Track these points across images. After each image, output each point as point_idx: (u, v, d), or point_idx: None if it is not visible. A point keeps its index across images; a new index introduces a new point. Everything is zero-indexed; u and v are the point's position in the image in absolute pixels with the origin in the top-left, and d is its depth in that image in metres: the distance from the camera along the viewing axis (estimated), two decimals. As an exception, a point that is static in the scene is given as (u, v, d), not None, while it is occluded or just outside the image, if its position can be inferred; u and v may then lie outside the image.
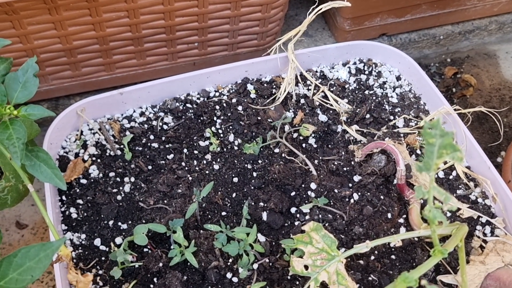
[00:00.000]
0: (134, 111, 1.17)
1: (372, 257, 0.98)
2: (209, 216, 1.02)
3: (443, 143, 0.68)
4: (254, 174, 1.09)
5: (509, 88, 1.70)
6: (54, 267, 0.88)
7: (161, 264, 0.93)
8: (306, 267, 0.90)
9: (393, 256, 0.99)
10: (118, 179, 1.07)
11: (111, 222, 1.01)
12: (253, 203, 1.03)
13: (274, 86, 1.24)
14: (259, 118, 1.17)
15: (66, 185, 1.04)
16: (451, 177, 1.10)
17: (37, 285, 1.21)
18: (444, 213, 1.04)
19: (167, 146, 1.12)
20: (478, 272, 0.95)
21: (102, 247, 0.98)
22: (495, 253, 0.97)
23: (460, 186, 1.09)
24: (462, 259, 0.88)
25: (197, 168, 1.09)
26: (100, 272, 0.95)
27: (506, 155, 1.41)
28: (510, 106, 1.64)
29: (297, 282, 0.95)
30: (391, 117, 1.19)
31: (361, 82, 1.26)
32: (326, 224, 1.01)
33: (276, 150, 1.12)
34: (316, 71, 1.28)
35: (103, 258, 0.97)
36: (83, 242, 0.98)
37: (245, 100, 1.20)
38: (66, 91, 1.39)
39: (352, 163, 1.11)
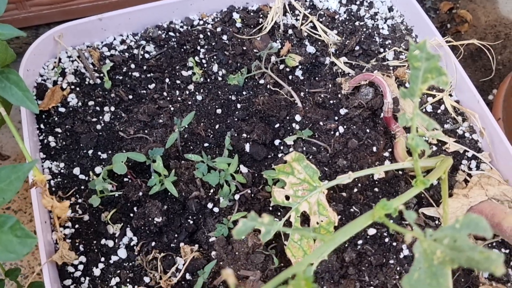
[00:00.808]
0: (115, 39, 1.13)
1: (355, 190, 0.97)
2: (191, 147, 1.00)
3: (429, 67, 0.65)
4: (238, 105, 1.06)
5: (505, 24, 1.65)
6: (31, 192, 0.86)
7: (141, 193, 0.92)
8: (287, 197, 0.89)
9: (376, 189, 0.98)
10: (97, 108, 1.04)
11: (90, 151, 0.99)
12: (236, 135, 1.01)
13: (261, 16, 1.19)
14: (244, 48, 1.13)
15: (44, 113, 1.01)
16: (439, 111, 1.08)
17: (20, 215, 1.21)
18: (429, 145, 1.03)
19: (148, 75, 1.08)
20: (461, 205, 0.94)
21: (82, 176, 0.96)
22: (479, 186, 0.97)
23: (448, 121, 1.07)
24: (444, 191, 0.87)
25: (179, 99, 1.06)
26: (80, 200, 0.94)
27: (497, 93, 1.39)
28: (504, 43, 1.60)
29: (279, 213, 0.94)
30: (381, 50, 1.16)
31: (352, 13, 1.21)
32: (310, 157, 0.99)
33: (261, 81, 1.09)
34: (306, 0, 1.22)
35: (82, 187, 0.95)
36: (62, 170, 0.97)
37: (231, 29, 1.15)
38: (46, 18, 1.33)
39: (339, 95, 1.08)
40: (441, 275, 0.56)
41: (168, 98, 1.05)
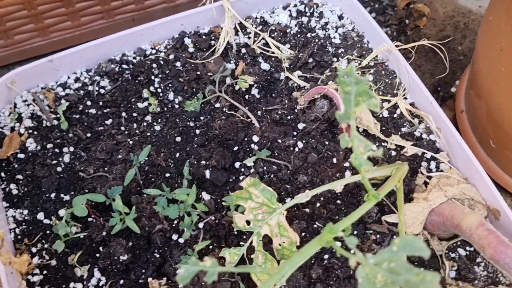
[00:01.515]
0: (69, 78, 1.13)
1: (318, 204, 0.98)
2: (153, 179, 1.01)
3: (359, 91, 0.66)
4: (197, 131, 1.07)
5: (463, 14, 1.66)
6: (-7, 246, 0.87)
7: (104, 233, 0.93)
8: (248, 222, 0.90)
9: (338, 201, 0.99)
10: (56, 150, 1.04)
11: (53, 195, 0.99)
12: (195, 162, 1.02)
13: (213, 38, 1.19)
14: (198, 73, 1.14)
15: (4, 161, 1.02)
16: (395, 115, 1.09)
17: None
18: (388, 152, 1.04)
19: (104, 111, 1.09)
20: (422, 209, 0.96)
21: (46, 221, 0.97)
22: (438, 188, 0.98)
23: (404, 124, 1.08)
24: (400, 200, 0.89)
25: (137, 131, 1.06)
26: (46, 246, 0.94)
27: (459, 85, 1.41)
28: (464, 33, 1.61)
29: (244, 237, 0.95)
30: (334, 59, 1.17)
31: (303, 25, 1.22)
32: (272, 176, 1.00)
33: (217, 105, 1.10)
34: (256, 18, 1.23)
35: (47, 232, 0.96)
36: (26, 217, 0.97)
37: (183, 55, 1.16)
38: (3, 61, 1.33)
39: (296, 110, 1.09)
40: (385, 298, 0.57)
41: (126, 132, 1.06)
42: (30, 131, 1.06)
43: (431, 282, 0.52)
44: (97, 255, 0.93)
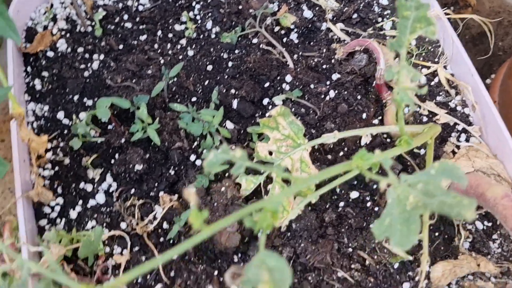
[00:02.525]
0: (109, -12, 1.11)
1: (341, 153, 0.96)
2: (178, 100, 0.99)
3: (418, 16, 0.64)
4: (230, 63, 1.04)
5: (509, 12, 1.63)
6: (11, 131, 0.85)
7: (123, 140, 0.91)
8: (270, 153, 0.88)
9: (362, 154, 0.96)
10: (86, 55, 1.02)
11: (76, 97, 0.97)
12: (224, 91, 0.99)
13: (260, -24, 1.17)
14: (240, 7, 1.11)
15: (32, 56, 1.00)
16: (432, 83, 1.06)
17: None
18: (419, 117, 1.01)
19: (140, 27, 1.07)
20: (446, 175, 0.93)
21: (65, 121, 0.95)
22: (466, 158, 0.95)
23: (441, 93, 1.05)
24: (429, 156, 0.86)
25: (170, 52, 1.04)
26: (61, 144, 0.92)
27: (495, 76, 1.38)
28: (507, 30, 1.58)
29: (262, 171, 0.93)
30: (379, 19, 1.14)
31: (353, -19, 1.19)
32: (299, 118, 0.98)
33: (254, 41, 1.07)
34: (307, -35, 1.21)
35: (65, 131, 0.94)
36: (45, 114, 0.95)
37: (228, -13, 1.13)
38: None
39: (332, 61, 1.06)
40: (413, 222, 0.55)
41: (159, 51, 1.04)
42: (63, 33, 1.04)
43: (467, 206, 0.50)
44: (112, 161, 0.91)
